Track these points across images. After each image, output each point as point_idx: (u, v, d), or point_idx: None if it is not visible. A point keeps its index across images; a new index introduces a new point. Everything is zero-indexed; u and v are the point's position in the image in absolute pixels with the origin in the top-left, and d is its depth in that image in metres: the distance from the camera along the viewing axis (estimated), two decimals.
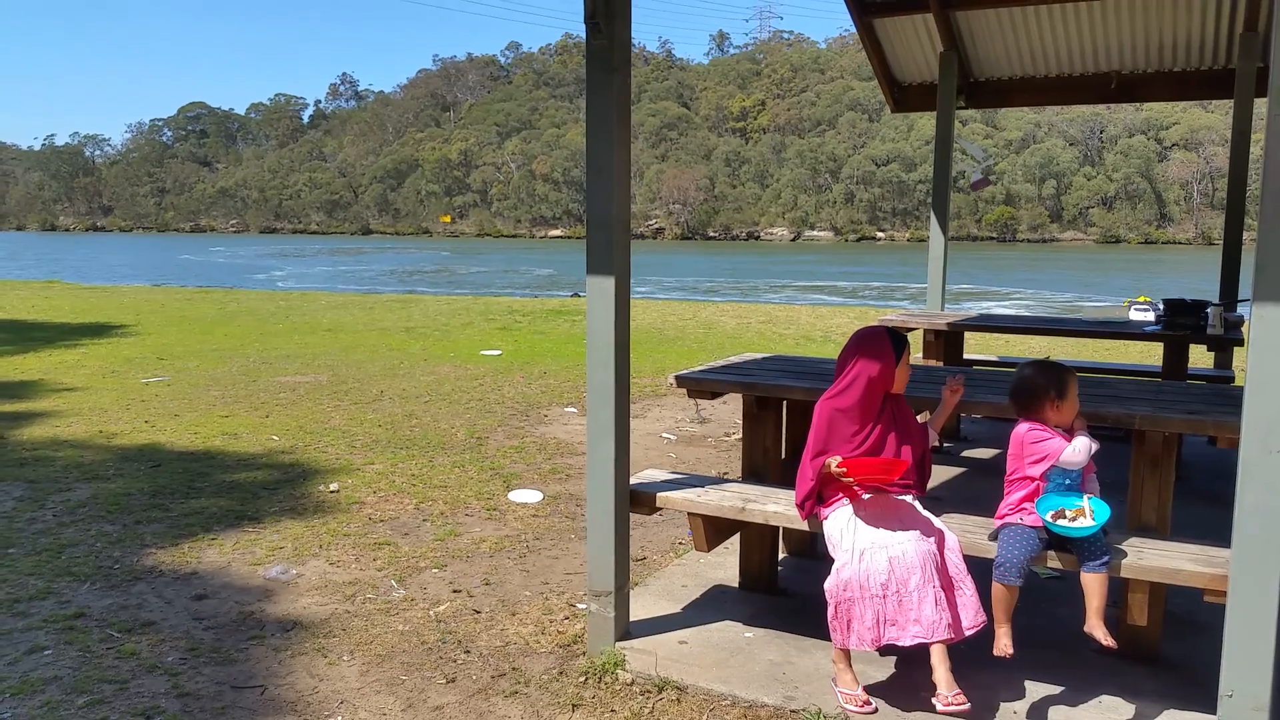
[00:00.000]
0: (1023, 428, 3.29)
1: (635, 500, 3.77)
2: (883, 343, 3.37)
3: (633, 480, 3.88)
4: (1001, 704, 3.29)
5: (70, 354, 12.43)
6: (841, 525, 3.31)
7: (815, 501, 3.44)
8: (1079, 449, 3.18)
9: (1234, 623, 2.76)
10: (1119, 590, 3.50)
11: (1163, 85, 8.19)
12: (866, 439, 3.33)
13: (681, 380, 4.16)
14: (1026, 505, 3.22)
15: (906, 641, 3.12)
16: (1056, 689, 3.40)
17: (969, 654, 3.52)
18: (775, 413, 4.18)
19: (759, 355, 4.84)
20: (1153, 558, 3.10)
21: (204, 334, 14.79)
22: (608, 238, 3.50)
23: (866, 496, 3.31)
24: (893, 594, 3.11)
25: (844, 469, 3.24)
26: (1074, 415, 3.27)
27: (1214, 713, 2.80)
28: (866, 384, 3.32)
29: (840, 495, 3.37)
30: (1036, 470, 3.22)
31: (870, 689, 3.37)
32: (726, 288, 36.95)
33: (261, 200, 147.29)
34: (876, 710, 3.24)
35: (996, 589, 3.15)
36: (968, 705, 3.14)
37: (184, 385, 10.03)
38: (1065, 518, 3.10)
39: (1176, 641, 3.74)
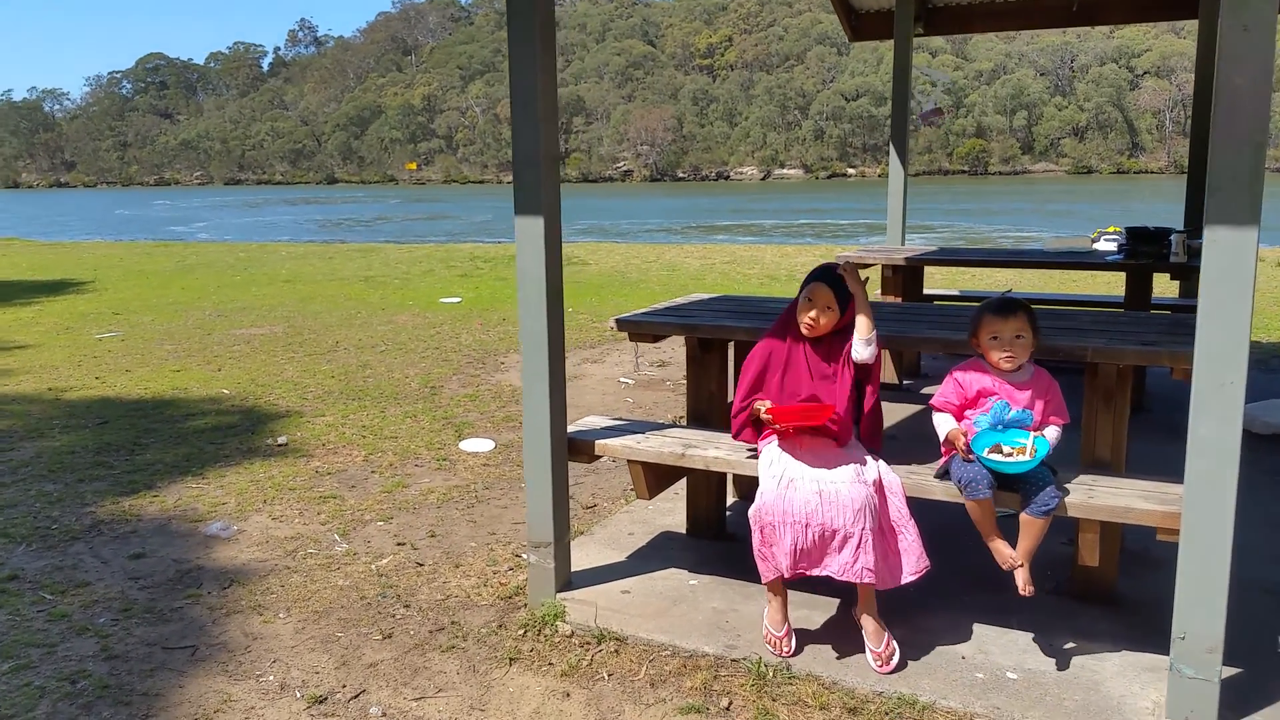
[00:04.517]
0: (961, 366, 3.23)
1: (573, 448, 3.64)
2: (806, 283, 3.27)
3: (572, 428, 3.75)
4: (949, 648, 3.21)
5: (25, 311, 12.17)
6: (773, 455, 3.24)
7: (754, 435, 3.38)
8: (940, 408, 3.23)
9: (1187, 562, 2.68)
10: (1072, 528, 3.42)
11: (1125, 7, 7.99)
12: (784, 381, 3.27)
13: (622, 323, 4.01)
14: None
15: (815, 573, 3.07)
16: (1007, 632, 3.32)
17: (916, 598, 3.46)
18: (719, 355, 4.05)
19: (705, 296, 4.69)
20: (1103, 496, 3.00)
21: (161, 288, 14.51)
22: (536, 176, 3.34)
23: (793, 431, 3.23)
24: (815, 525, 3.01)
25: (770, 416, 3.17)
26: (1021, 352, 3.15)
27: (1168, 654, 2.73)
28: (781, 323, 3.23)
29: (772, 432, 3.28)
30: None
31: (810, 634, 3.32)
32: (691, 229, 36.70)
33: (224, 151, 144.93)
34: (793, 652, 3.19)
35: (970, 507, 3.06)
36: (899, 657, 3.10)
37: (137, 340, 9.82)
38: (1001, 453, 3.00)
39: (1133, 579, 3.66)
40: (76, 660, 3.40)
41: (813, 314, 3.22)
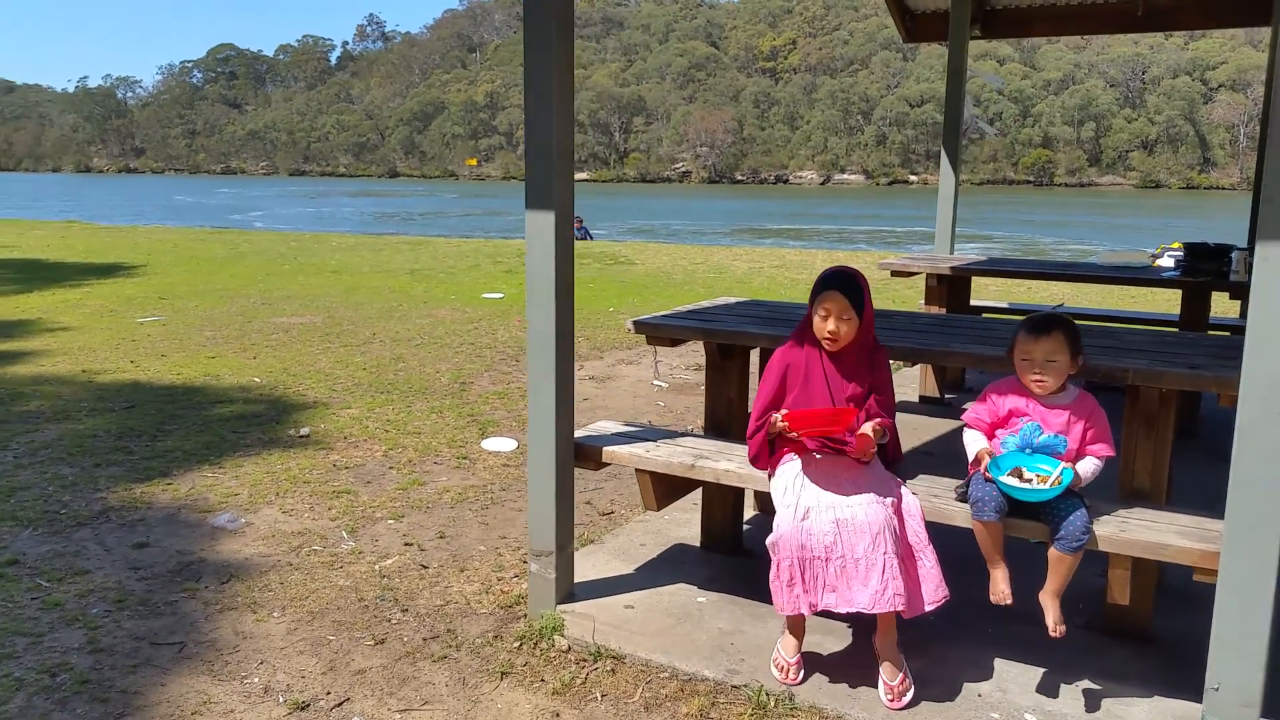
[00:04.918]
0: (996, 383, 3.02)
1: (580, 454, 3.47)
2: (816, 290, 3.06)
3: (580, 432, 3.59)
4: (966, 684, 2.99)
5: (73, 293, 12.30)
6: (787, 481, 3.03)
7: (768, 456, 3.16)
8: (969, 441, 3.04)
9: (1224, 606, 2.45)
10: (1104, 562, 3.19)
11: (1194, 12, 7.61)
12: (801, 400, 3.06)
13: (639, 326, 3.83)
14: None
15: (844, 610, 2.84)
16: (1029, 669, 3.09)
17: (937, 626, 3.25)
18: (741, 361, 3.86)
19: (731, 300, 4.50)
20: (1137, 529, 2.77)
21: (210, 274, 14.62)
22: (548, 168, 3.18)
23: (818, 456, 3.00)
24: (836, 559, 2.81)
25: (786, 423, 2.96)
26: (1053, 377, 2.92)
27: (1201, 703, 2.50)
28: (798, 334, 3.07)
29: (789, 450, 3.07)
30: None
31: (819, 661, 3.12)
32: (743, 231, 36.41)
33: (290, 143, 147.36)
34: (799, 680, 2.99)
35: (975, 528, 2.87)
36: (912, 694, 2.89)
37: (178, 325, 9.85)
38: (1021, 478, 2.78)
39: (1170, 617, 3.39)
40: (61, 652, 3.31)
41: (831, 327, 3.01)
